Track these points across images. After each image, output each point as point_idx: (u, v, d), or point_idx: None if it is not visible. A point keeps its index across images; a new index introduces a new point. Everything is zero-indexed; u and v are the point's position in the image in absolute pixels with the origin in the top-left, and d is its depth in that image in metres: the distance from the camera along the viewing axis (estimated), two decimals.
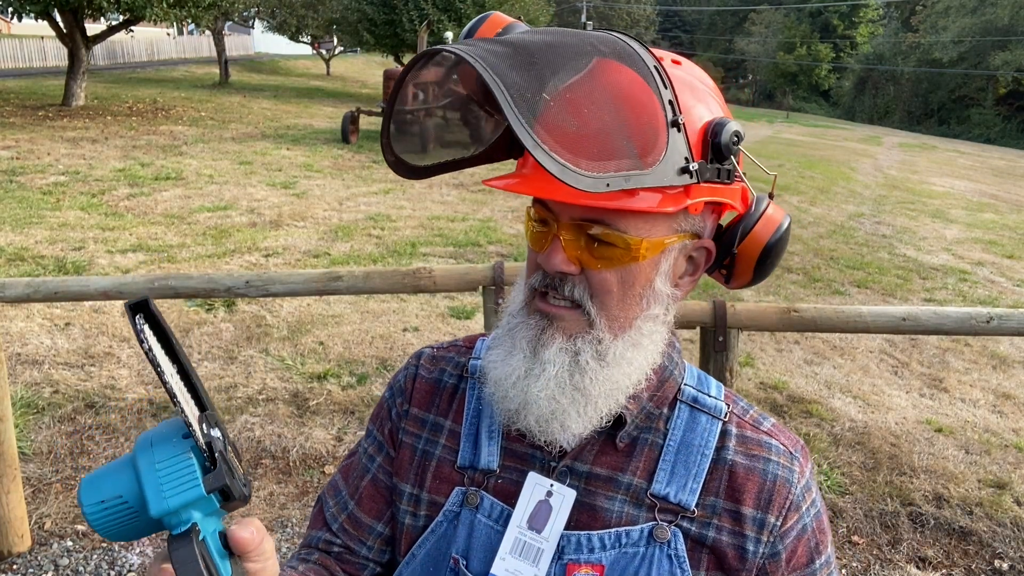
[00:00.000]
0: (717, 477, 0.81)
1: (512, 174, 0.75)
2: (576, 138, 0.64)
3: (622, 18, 76.61)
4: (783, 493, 0.80)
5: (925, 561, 3.02)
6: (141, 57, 32.33)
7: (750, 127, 27.53)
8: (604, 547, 0.79)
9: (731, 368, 2.42)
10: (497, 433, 0.85)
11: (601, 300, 0.75)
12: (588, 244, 0.74)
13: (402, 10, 20.07)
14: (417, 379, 0.93)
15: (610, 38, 0.73)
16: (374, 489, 0.92)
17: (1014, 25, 40.47)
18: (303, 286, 2.59)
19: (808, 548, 0.82)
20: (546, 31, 0.73)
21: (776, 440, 0.84)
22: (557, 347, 0.76)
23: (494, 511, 0.83)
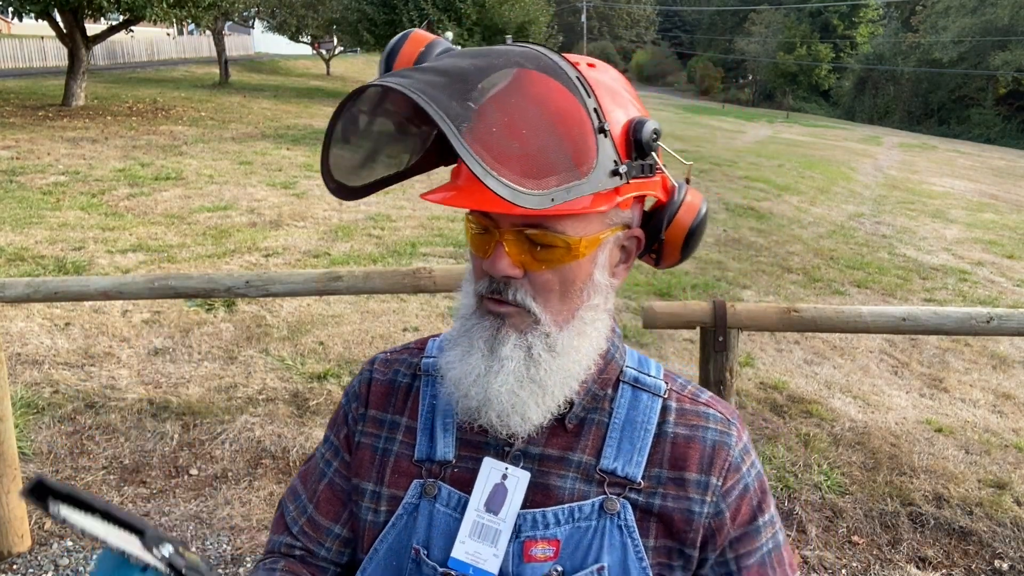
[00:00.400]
0: (660, 450, 0.86)
1: (448, 186, 0.77)
2: (519, 160, 0.68)
3: (622, 18, 76.56)
4: (723, 456, 0.86)
5: (925, 561, 3.02)
6: (141, 57, 32.33)
7: (750, 127, 27.54)
8: (559, 522, 0.84)
9: (731, 368, 2.42)
10: (452, 425, 0.89)
11: (544, 299, 0.80)
12: (530, 248, 0.78)
13: (402, 10, 20.06)
14: (372, 383, 0.96)
15: (532, 52, 0.77)
16: (331, 492, 0.96)
17: (1014, 25, 40.47)
18: (303, 286, 2.59)
19: (751, 506, 0.88)
20: (473, 53, 0.77)
21: (713, 409, 0.90)
22: (512, 343, 0.80)
23: (452, 499, 0.86)
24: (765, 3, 61.12)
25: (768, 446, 3.81)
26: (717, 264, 7.33)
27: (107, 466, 3.38)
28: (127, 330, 4.78)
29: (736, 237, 8.58)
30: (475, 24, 20.32)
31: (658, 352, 5.01)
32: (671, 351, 5.03)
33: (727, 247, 8.10)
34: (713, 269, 7.13)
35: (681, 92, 60.27)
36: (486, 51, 0.77)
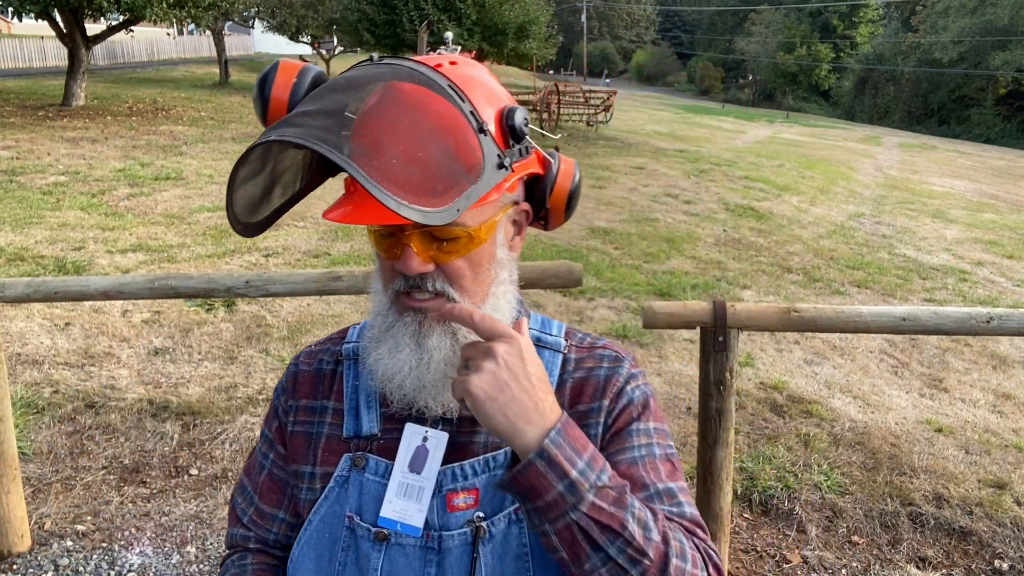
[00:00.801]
0: (562, 395, 0.95)
1: (346, 201, 0.80)
2: (421, 183, 0.73)
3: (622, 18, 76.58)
4: (613, 382, 0.96)
5: (925, 561, 3.02)
6: (141, 57, 32.33)
7: (750, 127, 27.54)
8: (476, 473, 0.92)
9: (731, 368, 2.42)
10: (375, 402, 0.97)
11: (459, 284, 0.87)
12: (436, 243, 0.84)
13: (402, 10, 20.06)
14: (298, 375, 1.04)
15: (404, 69, 0.82)
16: (271, 482, 1.05)
17: (1014, 25, 40.46)
18: (303, 286, 2.59)
19: (630, 416, 0.94)
20: (347, 82, 0.81)
21: (607, 350, 0.99)
22: (437, 334, 0.87)
23: (379, 468, 0.93)
24: (765, 3, 61.12)
25: (768, 446, 3.81)
26: (717, 264, 7.33)
27: (107, 466, 3.38)
28: (127, 330, 4.78)
29: (736, 237, 8.58)
30: (475, 24, 20.32)
31: (658, 352, 5.01)
32: (671, 351, 5.03)
33: (727, 247, 8.10)
34: (713, 269, 7.13)
35: (681, 92, 60.26)
36: (357, 77, 0.81)
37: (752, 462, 3.62)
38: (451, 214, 0.74)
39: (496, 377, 0.77)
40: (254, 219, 0.85)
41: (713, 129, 24.24)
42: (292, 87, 0.86)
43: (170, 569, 2.77)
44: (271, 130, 0.74)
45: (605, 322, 5.48)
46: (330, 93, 0.80)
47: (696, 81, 61.91)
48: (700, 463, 2.56)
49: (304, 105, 0.80)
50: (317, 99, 0.80)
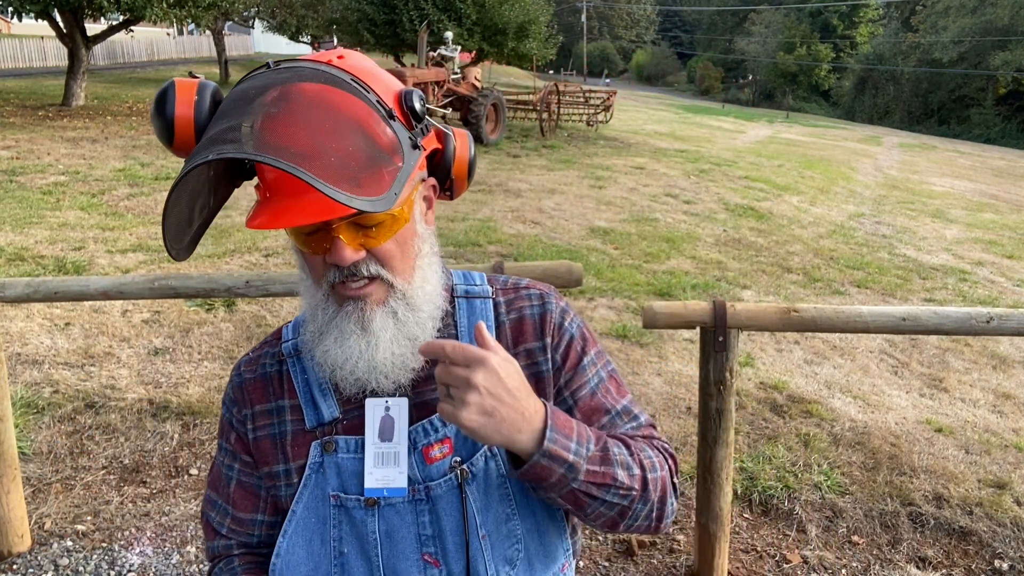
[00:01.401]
0: (503, 336, 1.03)
1: (266, 207, 0.83)
2: (355, 174, 0.78)
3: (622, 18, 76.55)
4: (548, 320, 1.04)
5: (925, 561, 3.02)
6: (141, 57, 32.33)
7: (750, 127, 27.54)
8: (444, 424, 0.98)
9: (731, 368, 2.42)
10: (328, 389, 1.01)
11: (390, 265, 0.92)
12: (362, 230, 0.88)
13: (402, 10, 20.05)
14: (244, 384, 1.06)
15: (306, 70, 0.85)
16: (242, 490, 1.07)
17: (1014, 25, 40.46)
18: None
19: (577, 351, 1.04)
20: (255, 91, 0.83)
21: (531, 289, 1.07)
22: (380, 316, 0.92)
23: (350, 446, 0.98)
24: (765, 3, 61.11)
25: (768, 446, 3.81)
26: (717, 264, 7.33)
27: (107, 466, 3.38)
28: (127, 330, 4.78)
29: (736, 237, 8.58)
30: (475, 24, 20.31)
31: (658, 352, 5.01)
32: (671, 351, 5.03)
33: (727, 247, 8.10)
34: (713, 269, 7.13)
35: (681, 92, 60.25)
36: (264, 86, 0.83)
37: (752, 462, 3.62)
38: (391, 199, 0.79)
39: (483, 407, 0.82)
40: (183, 243, 0.87)
41: (713, 129, 24.24)
42: (195, 104, 0.87)
43: (170, 569, 2.77)
44: (202, 151, 0.76)
45: (605, 322, 5.48)
46: (243, 104, 0.81)
47: (696, 81, 61.90)
48: (700, 463, 2.56)
49: (222, 120, 0.81)
50: (233, 113, 0.81)
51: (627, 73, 72.83)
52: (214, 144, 0.77)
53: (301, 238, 0.89)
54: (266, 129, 0.77)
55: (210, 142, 0.78)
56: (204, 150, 0.77)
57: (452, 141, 1.01)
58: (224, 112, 0.83)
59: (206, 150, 0.76)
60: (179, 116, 0.87)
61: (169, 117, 0.87)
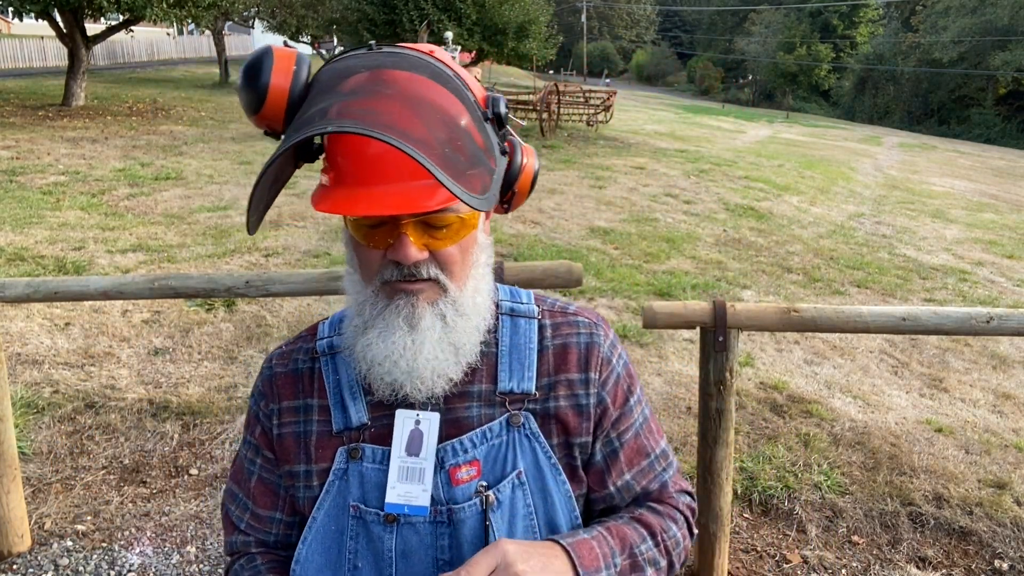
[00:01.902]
0: (545, 361, 0.99)
1: (338, 191, 0.80)
2: (469, 176, 0.77)
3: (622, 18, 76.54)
4: (595, 353, 1.00)
5: (925, 561, 3.02)
6: (141, 57, 32.33)
7: (750, 127, 27.54)
8: (475, 445, 0.95)
9: (731, 368, 2.42)
10: (359, 393, 0.98)
11: (450, 270, 0.89)
12: (430, 230, 0.86)
13: (402, 10, 20.05)
14: (275, 378, 1.03)
15: (414, 58, 0.83)
16: (263, 486, 1.05)
17: (1014, 25, 40.45)
18: (303, 286, 2.59)
19: (623, 390, 1.03)
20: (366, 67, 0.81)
21: (580, 317, 1.03)
22: (429, 316, 0.88)
23: (376, 456, 0.95)
24: (765, 3, 61.11)
25: (768, 446, 3.81)
26: (717, 264, 7.33)
27: (107, 466, 3.38)
28: (127, 330, 4.78)
29: (736, 237, 8.58)
30: (475, 24, 20.31)
31: (658, 352, 5.01)
32: (671, 351, 5.03)
33: (727, 247, 8.10)
34: (713, 269, 7.13)
35: (681, 92, 60.23)
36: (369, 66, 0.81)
37: (752, 462, 3.62)
38: (491, 200, 0.79)
39: None
40: (259, 216, 0.85)
41: (713, 129, 24.24)
42: (293, 74, 0.83)
43: (170, 569, 2.77)
44: (315, 122, 0.74)
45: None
46: (346, 82, 0.79)
47: (696, 81, 61.88)
48: (700, 463, 2.56)
49: (329, 94, 0.79)
50: (338, 90, 0.79)
51: (627, 73, 72.83)
52: (327, 117, 0.74)
53: (363, 230, 0.86)
54: (383, 110, 0.75)
55: (321, 114, 0.75)
56: (316, 122, 0.74)
57: (521, 153, 0.98)
58: (328, 86, 0.81)
59: (320, 122, 0.73)
60: (274, 85, 0.83)
61: (264, 85, 0.83)
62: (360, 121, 0.73)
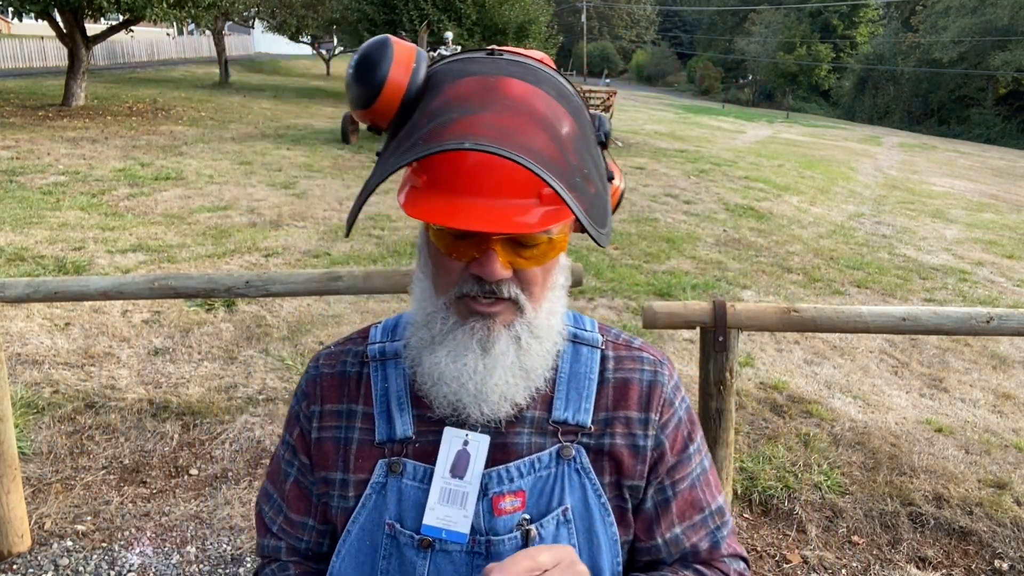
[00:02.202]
0: (604, 395, 0.94)
1: (435, 197, 0.76)
2: (595, 207, 0.76)
3: (622, 18, 76.53)
4: (658, 393, 0.95)
5: (925, 561, 3.02)
6: (141, 57, 32.32)
7: (750, 127, 27.54)
8: (522, 475, 0.90)
9: (731, 368, 2.42)
10: (407, 404, 0.93)
11: (530, 291, 0.84)
12: (518, 249, 0.81)
13: (402, 10, 20.06)
14: (320, 378, 0.99)
15: (540, 71, 0.81)
16: (298, 490, 1.00)
17: (1014, 25, 40.45)
18: (303, 286, 2.59)
19: (684, 436, 0.97)
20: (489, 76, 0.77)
21: (645, 353, 0.99)
22: (504, 339, 0.84)
23: (418, 473, 0.91)
24: (765, 3, 61.10)
25: (768, 446, 3.81)
26: (717, 264, 7.33)
27: (107, 466, 3.38)
28: (127, 330, 4.78)
29: (736, 237, 8.58)
30: (475, 24, 20.31)
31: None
32: (671, 351, 5.03)
33: (727, 247, 8.10)
34: (713, 269, 7.13)
35: (681, 92, 60.24)
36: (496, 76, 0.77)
37: (752, 462, 3.62)
38: (610, 234, 0.78)
39: None
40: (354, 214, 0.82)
41: (713, 129, 24.23)
42: (412, 72, 0.78)
43: (170, 569, 2.77)
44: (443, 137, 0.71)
45: (605, 322, 5.48)
46: (478, 90, 0.76)
47: (696, 81, 61.88)
48: None
49: (458, 105, 0.75)
50: (464, 98, 0.75)
51: (627, 73, 72.83)
52: (457, 130, 0.71)
53: (447, 239, 0.81)
54: (516, 128, 0.72)
55: (447, 124, 0.72)
56: (448, 135, 0.71)
57: (615, 176, 0.93)
58: (451, 92, 0.76)
59: (453, 135, 0.70)
60: (392, 80, 0.77)
61: (381, 78, 0.77)
62: (495, 140, 0.70)
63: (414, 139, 0.74)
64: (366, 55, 0.79)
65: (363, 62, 0.79)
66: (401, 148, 0.75)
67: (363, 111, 0.80)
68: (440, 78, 0.79)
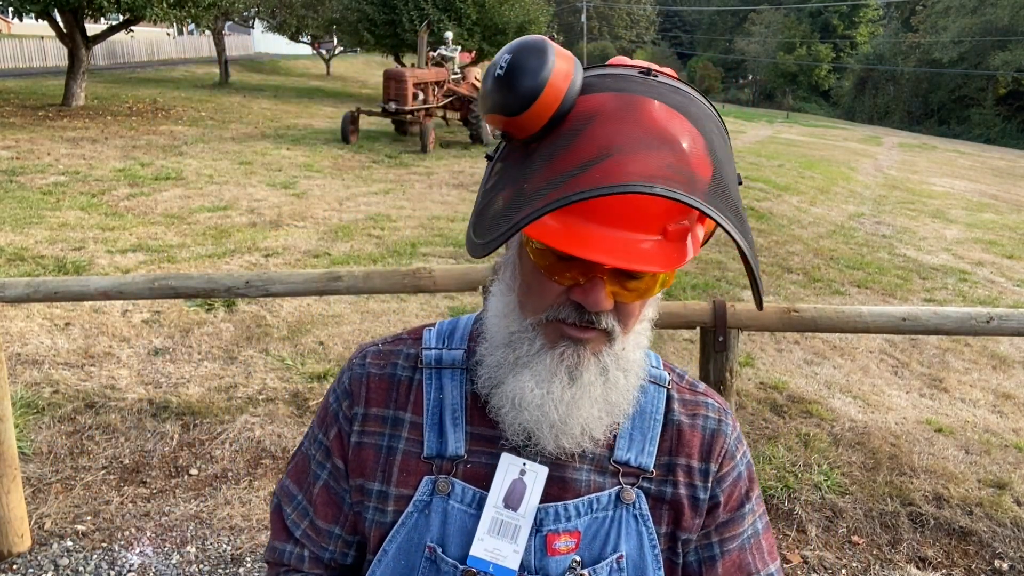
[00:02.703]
0: (668, 438, 0.89)
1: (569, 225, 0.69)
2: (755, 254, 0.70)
3: (622, 18, 76.55)
4: (720, 443, 0.90)
5: (925, 561, 3.02)
6: (141, 57, 32.32)
7: (750, 127, 27.53)
8: (579, 514, 0.85)
9: (731, 368, 2.42)
10: (461, 419, 0.87)
11: (626, 323, 0.80)
12: (624, 281, 0.75)
13: (402, 10, 20.06)
14: (368, 378, 0.91)
15: (699, 102, 0.74)
16: (328, 495, 0.93)
17: (1014, 25, 40.46)
18: (303, 286, 2.59)
19: (741, 493, 0.92)
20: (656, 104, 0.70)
21: (710, 399, 0.94)
22: (592, 369, 0.79)
23: (466, 496, 0.85)
24: (765, 3, 61.11)
25: (768, 446, 3.81)
26: (717, 264, 7.33)
27: (107, 466, 3.38)
28: (127, 330, 4.78)
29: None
30: (475, 24, 20.32)
31: (658, 352, 5.00)
32: (671, 351, 5.03)
33: (727, 247, 8.10)
34: (713, 269, 7.13)
35: None
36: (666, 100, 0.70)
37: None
38: (760, 288, 0.71)
39: None
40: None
41: None
42: (571, 82, 0.70)
43: (170, 569, 2.77)
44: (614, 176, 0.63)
45: None
46: (635, 118, 0.68)
47: (696, 81, 61.87)
48: None
49: (617, 131, 0.67)
50: (637, 129, 0.67)
51: None
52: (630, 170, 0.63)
53: (549, 259, 0.75)
54: (695, 171, 0.66)
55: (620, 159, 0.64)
56: (625, 177, 0.63)
57: None
58: (611, 115, 0.69)
59: (631, 179, 0.62)
60: (551, 90, 0.68)
61: (540, 85, 0.68)
62: (681, 186, 0.63)
63: (582, 168, 0.65)
64: (522, 59, 0.69)
65: (519, 65, 0.69)
66: (561, 171, 0.67)
67: (508, 118, 0.70)
68: (593, 95, 0.71)
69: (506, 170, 0.74)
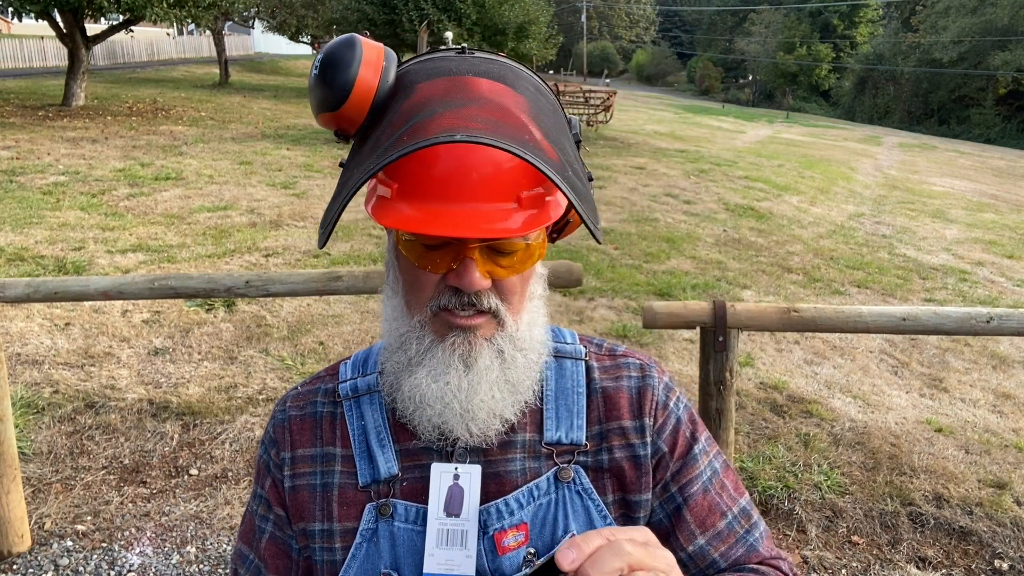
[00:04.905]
0: (595, 407, 0.89)
1: (403, 203, 0.71)
2: (588, 206, 0.74)
3: (622, 18, 76.55)
4: (648, 396, 0.90)
5: (925, 561, 3.02)
6: (141, 57, 32.33)
7: (750, 127, 27.53)
8: (522, 506, 0.84)
9: (731, 368, 2.42)
10: (387, 440, 0.86)
11: (509, 301, 0.80)
12: (496, 257, 0.76)
13: (402, 10, 20.07)
14: (289, 421, 0.91)
15: (519, 70, 0.79)
16: (275, 547, 0.92)
17: (1014, 25, 40.45)
18: (303, 286, 2.59)
19: (685, 437, 0.90)
20: (468, 72, 0.75)
21: (630, 358, 0.93)
22: (487, 354, 0.79)
23: (409, 513, 0.84)
24: (765, 3, 61.11)
25: (768, 446, 3.81)
26: (717, 264, 7.33)
27: (107, 466, 3.38)
28: (127, 330, 4.78)
29: (736, 237, 8.58)
30: (475, 24, 20.32)
31: (658, 352, 5.01)
32: (671, 351, 5.03)
33: (727, 247, 8.10)
34: (713, 269, 7.13)
35: (681, 92, 60.24)
36: (473, 69, 0.75)
37: (752, 462, 3.62)
38: (599, 233, 0.75)
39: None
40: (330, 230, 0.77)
41: (713, 129, 24.23)
42: (383, 72, 0.74)
43: (170, 569, 2.77)
44: (431, 130, 0.67)
45: (605, 322, 5.48)
46: (456, 87, 0.72)
47: (696, 81, 61.89)
48: None
49: (440, 101, 0.71)
50: (447, 96, 0.71)
51: (627, 73, 72.84)
52: (442, 124, 0.67)
53: (419, 251, 0.76)
54: (509, 122, 0.69)
55: (429, 117, 0.68)
56: (434, 129, 0.66)
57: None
58: (425, 89, 0.73)
59: (440, 129, 0.66)
60: (362, 79, 0.73)
61: (350, 79, 0.73)
62: (488, 132, 0.66)
63: (395, 137, 0.69)
64: (332, 55, 0.75)
65: (329, 62, 0.74)
66: (381, 147, 0.70)
67: (330, 115, 0.76)
68: (412, 78, 0.76)
69: (347, 168, 0.78)
